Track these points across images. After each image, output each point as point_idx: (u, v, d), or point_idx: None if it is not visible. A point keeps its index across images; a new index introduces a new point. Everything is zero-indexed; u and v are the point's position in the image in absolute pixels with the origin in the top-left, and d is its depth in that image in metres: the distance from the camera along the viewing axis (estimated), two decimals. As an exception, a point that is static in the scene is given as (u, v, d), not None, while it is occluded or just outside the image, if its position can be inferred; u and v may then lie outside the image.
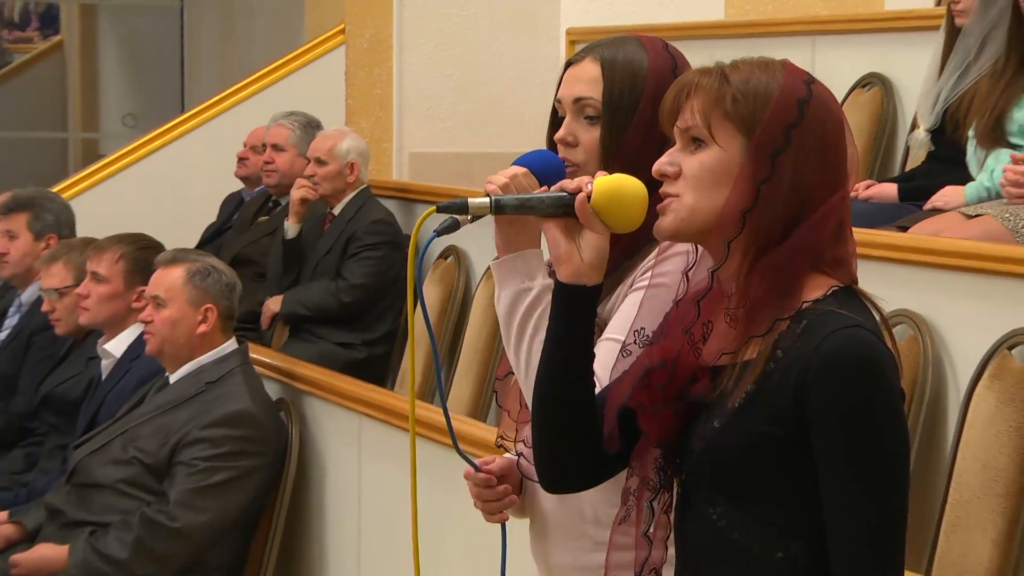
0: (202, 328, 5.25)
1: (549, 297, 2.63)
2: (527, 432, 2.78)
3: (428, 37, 7.72)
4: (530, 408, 2.71)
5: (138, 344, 5.52)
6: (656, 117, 2.55)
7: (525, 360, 2.70)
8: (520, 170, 2.72)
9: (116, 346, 5.66)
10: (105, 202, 7.79)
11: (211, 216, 7.80)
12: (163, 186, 8.05)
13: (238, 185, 7.78)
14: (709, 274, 2.42)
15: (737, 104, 2.36)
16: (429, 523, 2.80)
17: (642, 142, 2.74)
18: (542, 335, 2.61)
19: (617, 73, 2.80)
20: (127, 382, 5.54)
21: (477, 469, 2.81)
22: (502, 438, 2.88)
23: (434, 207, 2.55)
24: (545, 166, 2.76)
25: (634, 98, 2.78)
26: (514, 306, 2.71)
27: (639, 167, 2.56)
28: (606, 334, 2.68)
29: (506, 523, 2.87)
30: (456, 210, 2.55)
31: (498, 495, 2.82)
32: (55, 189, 7.38)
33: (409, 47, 7.71)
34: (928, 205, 4.97)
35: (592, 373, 2.51)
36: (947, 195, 4.94)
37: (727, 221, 2.36)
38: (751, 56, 2.44)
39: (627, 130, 2.77)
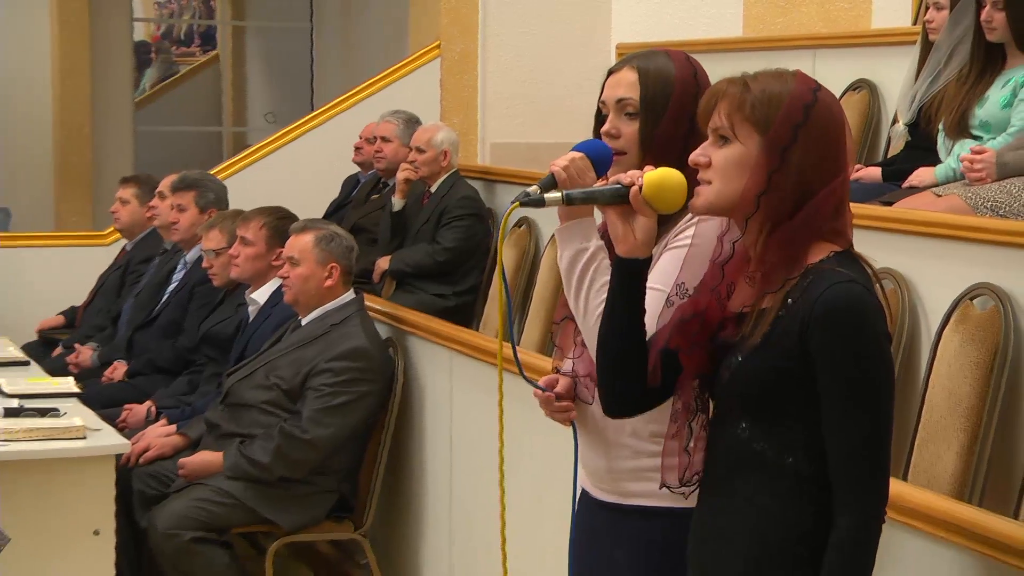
0: (328, 282, 5.27)
1: (602, 255, 2.65)
2: (576, 364, 2.79)
3: (506, 51, 7.70)
4: (586, 345, 2.72)
5: (277, 294, 5.54)
6: (682, 113, 2.58)
7: (584, 305, 2.71)
8: (578, 154, 2.75)
9: (260, 295, 5.69)
10: (251, 182, 7.82)
11: (334, 193, 7.81)
12: (297, 169, 8.08)
13: (355, 169, 7.79)
14: (731, 245, 2.44)
15: (755, 109, 2.37)
16: (507, 436, 2.81)
17: (672, 133, 2.75)
18: (596, 285, 2.64)
19: (651, 79, 2.80)
20: (268, 324, 5.57)
21: (543, 390, 2.83)
22: (557, 370, 2.89)
23: (517, 203, 2.57)
24: (597, 151, 2.78)
25: (665, 98, 2.79)
26: (574, 262, 2.72)
27: (670, 152, 2.61)
28: (648, 284, 2.69)
29: (577, 436, 2.87)
30: (535, 203, 2.59)
31: (561, 408, 2.83)
32: (212, 172, 7.41)
33: (491, 59, 7.70)
34: (906, 184, 4.93)
35: (643, 325, 2.53)
36: (921, 175, 4.90)
37: (746, 202, 2.38)
38: (769, 68, 2.44)
39: (660, 124, 2.78)
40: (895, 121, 5.51)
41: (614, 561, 2.81)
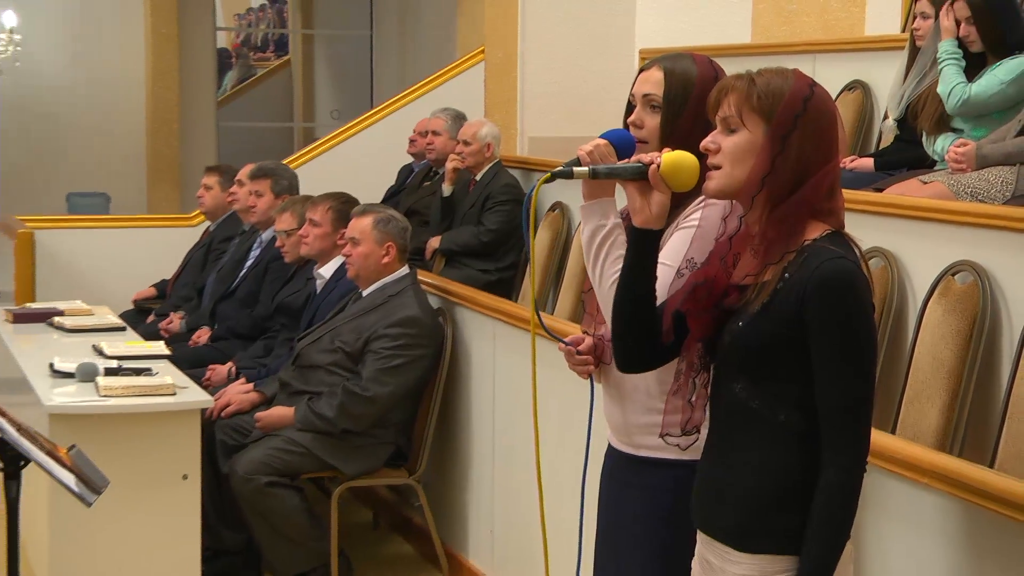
0: (385, 259, 5.27)
1: (618, 231, 2.66)
2: (603, 328, 2.79)
3: (542, 56, 7.68)
4: (601, 310, 2.72)
5: (341, 270, 5.55)
6: (701, 110, 2.55)
7: (600, 274, 2.71)
8: (602, 142, 2.75)
9: (326, 271, 5.70)
10: (319, 171, 7.83)
11: (391, 180, 7.82)
12: (358, 159, 8.08)
13: (409, 159, 7.79)
14: (739, 220, 2.43)
15: (760, 100, 2.37)
16: (538, 392, 2.82)
17: (689, 127, 2.73)
18: (612, 257, 2.65)
19: (675, 78, 2.79)
20: (333, 296, 5.58)
21: (567, 344, 2.84)
22: (585, 331, 2.89)
23: (549, 174, 2.58)
24: (620, 140, 2.77)
25: (686, 96, 2.77)
26: (593, 237, 2.72)
27: (687, 144, 2.58)
28: (659, 260, 2.69)
29: (594, 390, 2.88)
30: (565, 176, 2.59)
31: (580, 362, 2.84)
32: (285, 162, 7.43)
33: (529, 63, 7.69)
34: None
35: (654, 291, 2.53)
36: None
37: (752, 183, 2.37)
38: (771, 66, 2.43)
39: (679, 118, 2.77)
40: (886, 117, 5.47)
41: (632, 507, 2.81)
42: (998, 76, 4.70)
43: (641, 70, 2.86)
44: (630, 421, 2.81)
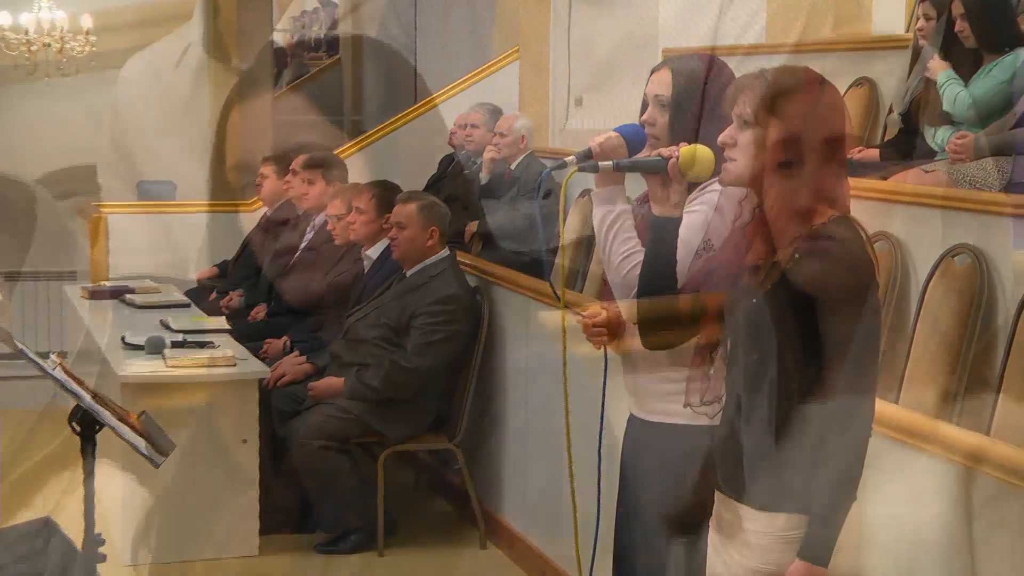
0: (429, 242, 5.28)
1: (625, 217, 2.72)
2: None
3: (572, 55, 7.67)
4: (611, 287, 2.73)
5: (387, 252, 5.55)
6: (707, 107, 2.58)
7: (608, 254, 2.73)
8: (614, 135, 2.78)
9: (373, 252, 5.71)
10: (366, 161, 7.84)
11: (433, 169, 7.81)
12: (403, 150, 8.09)
13: (449, 150, 7.79)
14: (751, 209, 2.44)
15: (771, 98, 2.37)
16: (560, 362, 2.85)
17: (697, 124, 2.74)
18: (619, 239, 2.71)
19: (682, 79, 2.79)
20: (380, 275, 5.59)
21: (584, 317, 2.86)
22: (604, 308, 2.91)
23: (577, 167, 2.60)
24: (631, 134, 2.79)
25: (692, 96, 2.77)
26: (603, 221, 2.74)
27: (696, 139, 2.59)
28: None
29: (607, 359, 2.89)
30: (591, 169, 2.62)
31: (595, 333, 2.85)
32: (335, 152, 7.43)
33: (559, 62, 7.68)
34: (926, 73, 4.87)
35: (676, 274, 2.55)
36: (934, 66, 4.82)
37: (764, 174, 2.36)
38: (784, 65, 2.43)
39: (687, 116, 2.77)
40: (891, 111, 5.44)
41: (647, 469, 2.83)
42: (996, 76, 4.65)
43: (653, 70, 2.86)
44: (642, 389, 2.82)
